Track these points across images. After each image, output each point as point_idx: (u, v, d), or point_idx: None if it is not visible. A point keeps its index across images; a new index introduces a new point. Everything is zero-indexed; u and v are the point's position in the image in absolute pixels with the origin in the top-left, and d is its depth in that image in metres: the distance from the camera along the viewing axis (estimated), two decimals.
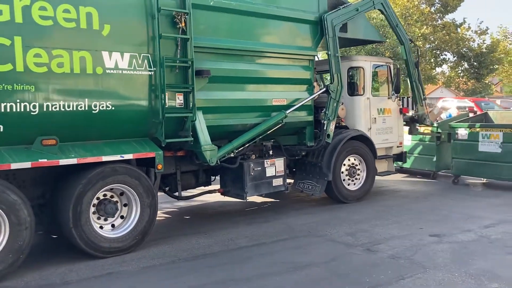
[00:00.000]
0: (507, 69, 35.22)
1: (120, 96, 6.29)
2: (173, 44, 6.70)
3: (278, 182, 8.14)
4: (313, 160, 8.83)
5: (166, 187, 7.74)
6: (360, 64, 9.56)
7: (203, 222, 7.98)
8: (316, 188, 8.71)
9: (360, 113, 9.49)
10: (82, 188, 5.97)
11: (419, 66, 10.16)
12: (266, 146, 8.17)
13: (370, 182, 9.38)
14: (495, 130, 9.92)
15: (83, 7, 5.90)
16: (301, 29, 8.41)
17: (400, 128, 10.19)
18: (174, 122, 6.80)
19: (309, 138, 8.71)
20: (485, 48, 30.12)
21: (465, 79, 32.83)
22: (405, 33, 9.97)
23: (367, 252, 6.15)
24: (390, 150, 10.08)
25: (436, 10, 30.01)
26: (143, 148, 6.54)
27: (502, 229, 7.06)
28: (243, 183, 7.72)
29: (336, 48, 8.60)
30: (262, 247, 6.54)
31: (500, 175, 9.92)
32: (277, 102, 8.07)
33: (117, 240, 6.29)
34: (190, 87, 6.77)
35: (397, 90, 9.79)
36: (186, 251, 6.40)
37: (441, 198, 9.48)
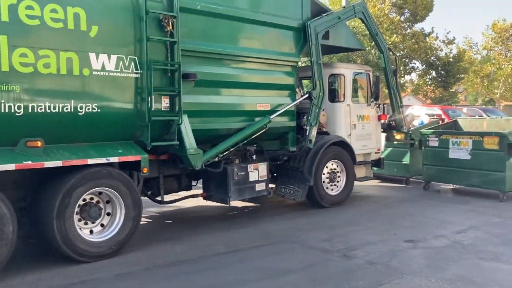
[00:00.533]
0: (471, 78, 36.14)
1: (106, 98, 6.19)
2: (161, 47, 6.64)
3: (261, 187, 8.13)
4: (295, 165, 8.87)
5: (148, 191, 7.62)
6: (341, 71, 9.67)
7: (180, 227, 7.87)
8: (297, 193, 8.74)
9: (340, 120, 9.59)
10: (76, 182, 5.86)
11: (397, 75, 10.33)
12: (250, 150, 8.16)
13: (349, 187, 9.48)
14: (465, 138, 10.12)
15: (71, 8, 5.79)
16: (285, 36, 8.46)
17: (378, 134, 10.35)
18: (160, 126, 6.73)
19: (291, 143, 8.75)
20: (452, 57, 30.85)
21: (432, 87, 33.51)
22: (384, 42, 10.14)
23: (344, 258, 6.17)
24: (368, 156, 10.21)
25: (405, 19, 30.63)
26: (129, 151, 6.44)
27: (473, 234, 7.23)
28: (227, 188, 7.68)
29: (319, 55, 8.67)
30: (239, 253, 6.48)
31: (469, 181, 10.14)
32: (261, 107, 8.08)
33: (93, 245, 6.12)
34: (177, 90, 6.71)
35: (376, 98, 9.93)
36: (162, 257, 6.26)
37: (414, 204, 9.61)
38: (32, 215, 6.07)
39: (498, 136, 9.62)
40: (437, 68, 31.15)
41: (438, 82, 31.88)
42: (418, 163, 11.31)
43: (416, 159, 11.44)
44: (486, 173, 9.76)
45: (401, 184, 11.79)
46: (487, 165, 9.71)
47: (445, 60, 30.61)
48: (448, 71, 30.70)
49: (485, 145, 9.74)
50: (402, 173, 11.71)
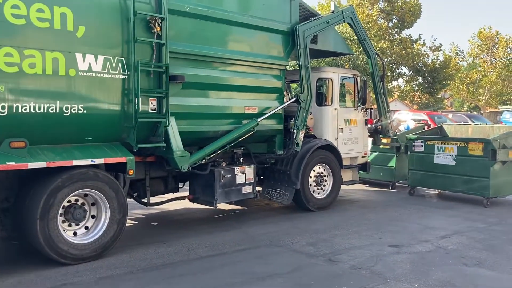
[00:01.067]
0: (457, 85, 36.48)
1: (92, 99, 6.11)
2: (148, 48, 6.58)
3: (248, 190, 8.08)
4: (282, 168, 8.83)
5: (134, 193, 7.54)
6: (329, 75, 9.66)
7: (163, 230, 7.80)
8: (284, 196, 8.71)
9: (328, 123, 9.58)
10: (61, 183, 5.77)
11: (384, 80, 10.36)
12: (237, 153, 8.11)
13: (336, 191, 9.47)
14: (450, 143, 10.15)
15: (58, 7, 5.73)
16: (274, 39, 8.44)
17: (365, 138, 10.36)
18: (147, 127, 6.66)
19: (278, 146, 8.72)
20: (438, 64, 31.14)
21: (419, 93, 33.76)
22: (372, 47, 10.17)
23: (329, 263, 6.13)
24: (355, 160, 10.21)
25: (393, 25, 30.96)
26: (114, 153, 6.36)
27: (457, 239, 7.22)
28: (213, 190, 7.61)
29: (307, 59, 8.66)
30: (223, 257, 6.40)
31: (454, 187, 10.16)
32: (248, 110, 8.04)
33: (77, 247, 6.01)
34: (164, 92, 6.65)
35: (364, 102, 9.94)
36: (145, 260, 6.18)
37: (398, 208, 9.58)
38: (15, 216, 5.95)
39: (483, 142, 9.62)
40: (423, 74, 31.44)
41: (424, 88, 32.17)
42: (404, 167, 11.35)
43: (402, 164, 11.48)
44: (470, 179, 9.78)
45: (388, 188, 11.81)
46: (472, 171, 9.73)
47: (431, 67, 30.90)
48: (434, 77, 31.00)
49: (469, 151, 9.76)
50: (388, 177, 11.74)
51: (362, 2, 29.80)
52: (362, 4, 29.70)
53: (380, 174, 11.81)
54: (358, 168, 10.27)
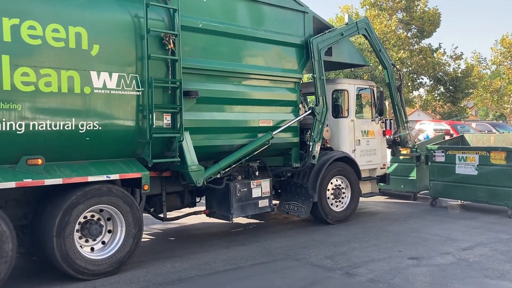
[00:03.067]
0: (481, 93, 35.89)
1: (107, 116, 6.20)
2: (162, 64, 6.68)
3: (264, 203, 8.06)
4: (298, 181, 8.79)
5: (151, 208, 7.59)
6: (345, 87, 9.62)
7: (180, 245, 7.78)
8: (301, 209, 8.65)
9: (344, 135, 9.51)
10: (76, 200, 5.83)
11: (402, 90, 10.26)
12: (252, 167, 8.11)
13: (355, 203, 9.38)
14: (471, 153, 10.01)
15: (73, 27, 5.85)
16: (288, 52, 8.46)
17: (384, 150, 10.26)
18: (161, 143, 6.72)
19: (294, 159, 8.68)
20: (460, 72, 30.65)
21: (441, 102, 33.27)
22: (388, 58, 10.11)
23: (346, 276, 6.04)
24: (373, 171, 10.10)
25: (412, 35, 30.64)
26: (130, 169, 6.42)
27: (480, 251, 7.06)
28: (229, 204, 7.62)
29: (322, 71, 8.64)
30: (239, 271, 6.37)
31: (477, 197, 9.98)
32: (263, 123, 8.05)
33: (94, 263, 6.06)
34: (178, 107, 6.71)
35: (381, 113, 9.86)
36: (161, 275, 6.18)
37: (419, 220, 9.44)
38: (33, 233, 6.04)
39: (505, 151, 9.48)
40: (445, 84, 30.96)
41: (446, 98, 31.66)
42: (425, 178, 11.21)
43: (422, 174, 11.33)
44: (493, 188, 9.61)
45: (409, 200, 11.64)
46: (495, 181, 9.57)
47: (453, 75, 30.44)
48: (456, 86, 30.48)
49: (492, 160, 9.61)
50: (409, 188, 11.59)
51: (381, 12, 29.65)
52: (380, 15, 29.51)
53: (401, 185, 11.66)
54: (377, 180, 10.16)
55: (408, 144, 10.42)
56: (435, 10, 30.11)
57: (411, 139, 10.64)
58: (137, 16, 6.42)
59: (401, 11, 30.45)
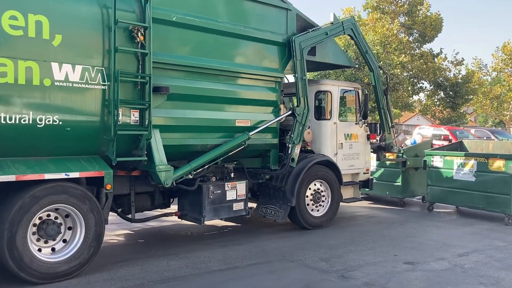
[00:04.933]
0: (480, 99, 35.48)
1: (69, 111, 5.85)
2: (131, 58, 6.32)
3: (239, 206, 7.72)
4: (276, 185, 8.44)
5: (118, 208, 7.24)
6: (328, 88, 9.25)
7: (176, 243, 7.66)
8: (279, 214, 8.30)
9: (326, 138, 9.15)
10: (29, 199, 5.47)
11: (388, 94, 9.90)
12: (228, 168, 7.75)
13: (334, 209, 9.00)
14: (470, 159, 9.88)
15: (33, 15, 5.50)
16: (268, 50, 8.09)
17: (367, 154, 9.88)
18: (128, 140, 6.37)
19: (273, 161, 8.33)
20: (460, 78, 30.32)
21: (441, 107, 32.92)
22: (374, 60, 9.73)
23: (341, 279, 5.96)
24: (356, 176, 9.74)
25: (414, 39, 30.33)
26: (92, 166, 6.08)
27: (475, 258, 6.96)
28: (201, 207, 7.27)
29: (304, 71, 8.29)
30: (234, 271, 6.27)
31: (473, 203, 9.86)
32: (240, 123, 7.68)
33: (51, 265, 5.66)
34: (147, 103, 6.35)
35: (365, 116, 9.50)
36: (156, 273, 6.08)
37: (416, 225, 9.32)
38: None
39: (504, 158, 9.33)
40: (445, 89, 30.61)
41: (446, 103, 31.31)
42: (411, 184, 11.11)
43: (408, 180, 11.12)
44: (491, 195, 9.51)
45: (396, 206, 11.31)
46: (492, 188, 9.46)
47: (453, 81, 30.09)
48: (456, 92, 30.12)
49: (490, 167, 9.50)
50: (394, 194, 11.28)
51: (383, 16, 29.27)
52: (382, 18, 29.15)
53: (387, 192, 11.36)
54: (360, 185, 9.80)
55: (393, 149, 10.05)
56: (437, 15, 29.77)
57: (397, 144, 10.29)
58: (105, 6, 6.06)
59: (403, 15, 30.11)
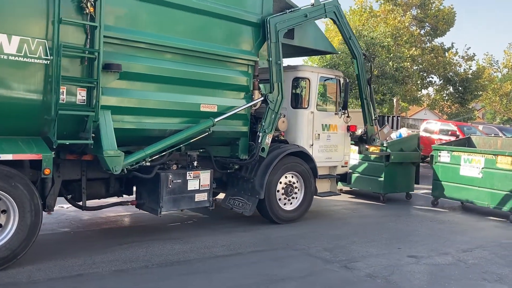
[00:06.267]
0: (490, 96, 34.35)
1: (3, 86, 5.21)
2: (78, 31, 5.64)
3: (202, 197, 7.08)
4: (246, 175, 7.77)
5: (69, 194, 6.65)
6: (306, 75, 8.50)
7: (181, 227, 7.54)
8: (246, 206, 7.65)
9: (302, 128, 8.42)
10: None
11: (371, 83, 9.14)
12: (191, 156, 7.11)
13: (307, 203, 8.31)
14: (478, 155, 9.65)
15: None
16: (240, 31, 7.37)
17: (347, 146, 9.15)
18: (72, 121, 5.71)
19: (242, 150, 7.64)
20: (470, 74, 29.36)
21: (449, 102, 31.96)
22: (358, 47, 8.93)
23: (344, 269, 5.87)
24: (334, 169, 9.02)
25: (425, 33, 29.36)
26: (29, 148, 5.45)
27: (479, 254, 6.82)
28: (159, 196, 6.66)
29: (278, 55, 7.56)
30: (238, 257, 6.20)
31: (479, 200, 9.60)
32: (205, 108, 7.00)
33: None
34: (94, 82, 5.71)
35: (344, 106, 8.78)
36: (161, 256, 6.03)
37: (421, 219, 9.12)
38: None
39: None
40: (454, 84, 29.65)
41: (455, 98, 30.34)
42: (394, 179, 10.50)
43: (391, 175, 10.42)
44: (497, 192, 9.28)
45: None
46: (499, 185, 9.24)
47: (463, 76, 29.10)
48: (466, 87, 29.16)
49: (498, 164, 9.26)
50: (376, 189, 10.57)
51: (395, 8, 28.26)
52: (394, 10, 28.16)
53: (369, 187, 10.70)
54: (337, 179, 9.11)
55: (375, 142, 9.29)
56: (450, 9, 28.70)
57: (382, 137, 9.56)
58: None
59: (415, 8, 29.09)
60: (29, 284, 4.93)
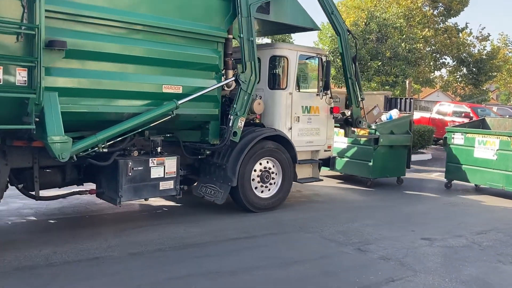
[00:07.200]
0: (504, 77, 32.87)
1: None
2: (14, 4, 4.98)
3: (168, 185, 6.44)
4: (218, 162, 7.08)
5: (20, 183, 6.06)
6: (284, 53, 7.68)
7: (194, 211, 7.33)
8: (218, 194, 6.97)
9: (280, 110, 7.65)
10: None
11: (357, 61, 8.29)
12: (154, 141, 6.44)
13: (285, 190, 7.59)
14: (492, 137, 9.39)
15: None
16: (207, 4, 6.59)
17: (330, 129, 8.35)
18: (11, 104, 5.04)
19: (212, 135, 6.94)
20: (485, 54, 28.05)
21: (462, 84, 30.69)
22: (342, 23, 8.06)
23: (358, 252, 5.77)
24: (316, 154, 8.27)
25: (439, 13, 28.02)
26: None
27: (494, 236, 6.67)
28: (117, 185, 6.04)
29: (250, 31, 6.78)
30: (251, 240, 6.10)
31: (493, 182, 9.34)
32: (168, 89, 6.29)
33: None
34: (35, 61, 5.07)
35: (326, 87, 7.98)
36: (174, 239, 5.96)
37: (434, 202, 8.91)
38: None
39: None
40: (468, 65, 28.40)
41: (468, 80, 29.09)
42: (383, 163, 9.76)
43: (380, 159, 9.66)
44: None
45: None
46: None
47: (477, 57, 27.81)
48: (480, 68, 27.90)
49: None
50: (364, 174, 9.82)
51: None
52: None
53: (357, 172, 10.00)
54: (320, 164, 8.36)
55: (361, 124, 8.49)
56: None
57: (372, 119, 8.76)
58: None
59: None
60: (46, 267, 4.91)
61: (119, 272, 4.88)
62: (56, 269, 4.89)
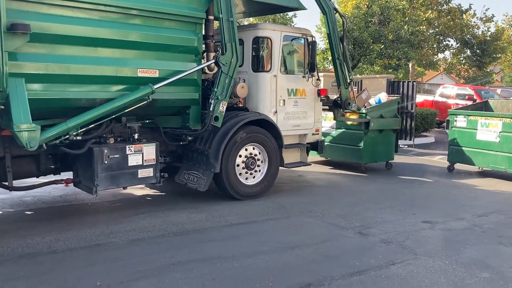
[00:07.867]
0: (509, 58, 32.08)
1: None
2: None
3: (147, 173, 6.12)
4: (200, 148, 6.73)
5: None
6: (268, 33, 7.24)
7: (196, 197, 7.20)
8: (201, 181, 6.66)
9: (264, 93, 7.25)
10: None
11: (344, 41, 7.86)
12: (131, 128, 6.11)
13: (272, 176, 7.25)
14: (495, 119, 9.15)
15: None
16: None
17: (318, 112, 7.94)
18: None
19: (193, 120, 6.59)
20: (489, 36, 27.35)
21: (466, 66, 29.98)
22: (328, 1, 7.68)
23: (359, 235, 5.70)
24: (303, 138, 7.88)
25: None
26: None
27: (495, 218, 6.57)
28: (93, 174, 5.73)
29: (230, 11, 6.37)
30: (252, 225, 6.04)
31: (496, 164, 9.16)
32: (144, 73, 5.93)
33: None
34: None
35: (312, 68, 7.57)
36: (177, 225, 5.90)
37: (436, 185, 8.74)
38: None
39: None
40: (472, 47, 27.74)
41: (472, 62, 28.43)
42: (375, 147, 9.41)
43: (371, 143, 9.28)
44: None
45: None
46: None
47: (481, 39, 27.10)
48: (484, 50, 27.25)
49: None
50: (354, 159, 9.44)
51: None
52: None
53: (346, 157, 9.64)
54: (308, 148, 7.99)
55: (350, 106, 8.08)
56: None
57: (360, 103, 8.35)
58: None
59: None
60: (49, 254, 4.87)
61: (121, 258, 4.82)
62: (58, 256, 4.84)
